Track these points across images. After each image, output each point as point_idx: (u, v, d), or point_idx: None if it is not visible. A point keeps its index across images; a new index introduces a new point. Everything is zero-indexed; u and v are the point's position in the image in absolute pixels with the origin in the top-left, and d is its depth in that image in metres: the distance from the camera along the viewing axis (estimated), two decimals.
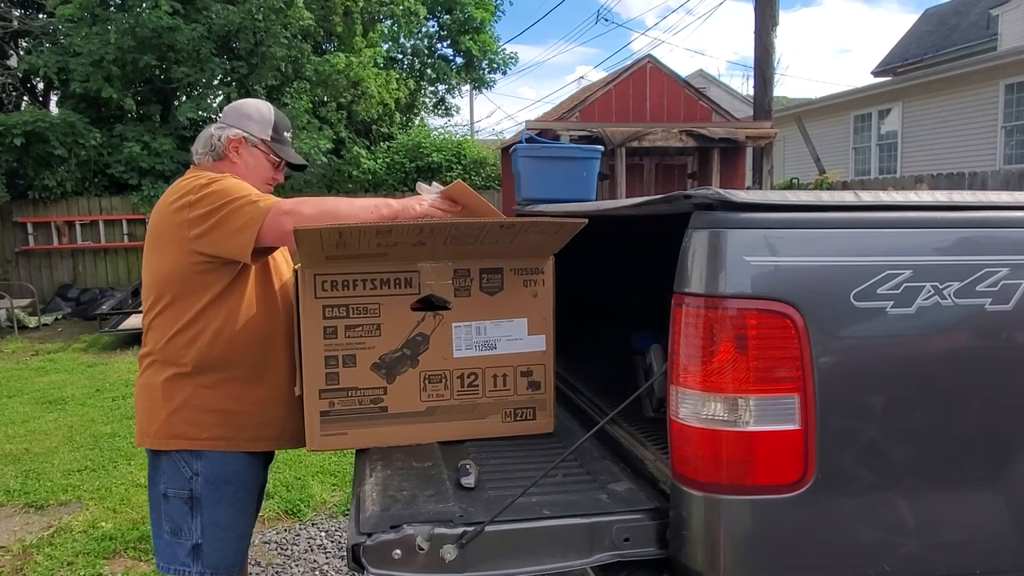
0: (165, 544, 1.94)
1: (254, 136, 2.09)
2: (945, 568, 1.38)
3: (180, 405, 1.91)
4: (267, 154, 2.10)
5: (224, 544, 1.94)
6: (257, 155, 2.10)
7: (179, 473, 1.92)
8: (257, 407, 1.96)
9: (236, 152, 2.07)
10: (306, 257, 1.66)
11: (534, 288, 1.82)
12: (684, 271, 1.34)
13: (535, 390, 1.84)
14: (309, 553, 3.28)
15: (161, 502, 1.94)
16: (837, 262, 1.31)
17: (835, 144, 15.62)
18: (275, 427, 2.01)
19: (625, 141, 8.93)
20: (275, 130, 2.12)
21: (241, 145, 2.07)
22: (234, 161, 2.07)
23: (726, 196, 1.29)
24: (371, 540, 1.33)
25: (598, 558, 1.39)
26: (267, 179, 2.13)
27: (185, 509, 1.91)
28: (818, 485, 1.30)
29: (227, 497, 1.94)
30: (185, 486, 1.91)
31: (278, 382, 1.97)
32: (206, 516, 1.91)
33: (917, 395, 1.34)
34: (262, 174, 2.11)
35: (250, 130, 2.09)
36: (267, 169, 2.12)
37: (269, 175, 2.13)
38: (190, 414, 1.91)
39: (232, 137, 2.07)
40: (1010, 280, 1.35)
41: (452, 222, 1.55)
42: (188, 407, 1.91)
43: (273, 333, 1.97)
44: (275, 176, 2.15)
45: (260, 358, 1.95)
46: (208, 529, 1.91)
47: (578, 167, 2.89)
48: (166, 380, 1.92)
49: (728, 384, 1.28)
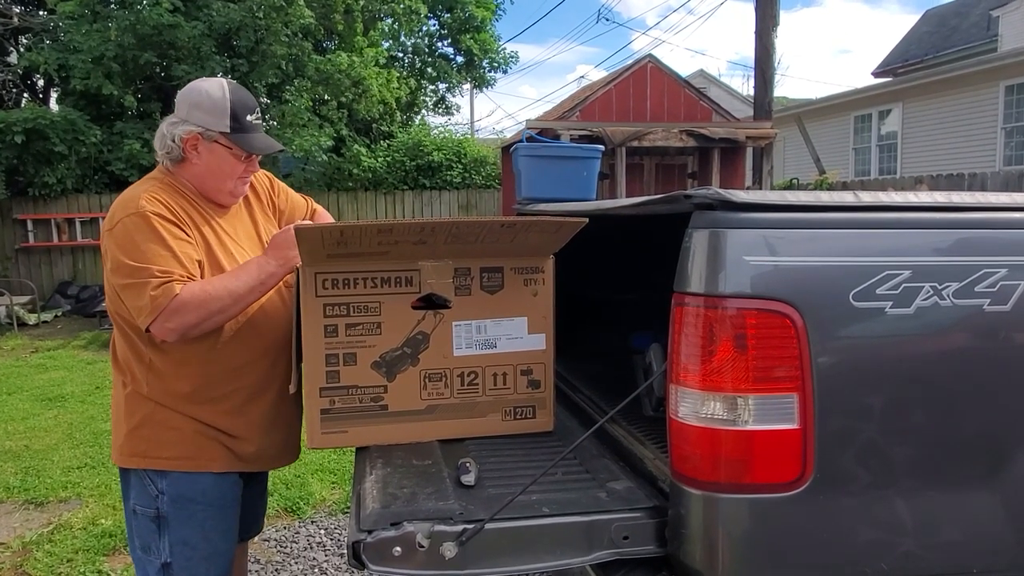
0: (138, 559, 1.88)
1: (210, 130, 1.79)
2: (942, 567, 1.38)
3: (141, 422, 1.82)
4: (229, 148, 1.81)
5: (194, 563, 1.84)
6: (218, 152, 1.81)
7: (145, 491, 1.83)
8: (225, 426, 1.85)
9: (195, 151, 1.81)
10: (307, 255, 1.66)
11: (534, 287, 1.82)
12: (684, 271, 1.35)
13: (535, 389, 1.85)
14: (308, 551, 3.29)
15: (132, 518, 1.87)
16: (836, 262, 1.31)
17: (835, 144, 15.62)
18: (247, 447, 1.89)
19: (625, 141, 8.93)
20: (234, 118, 1.80)
21: (199, 143, 1.80)
22: (195, 162, 1.83)
23: (726, 196, 1.30)
24: (371, 537, 1.34)
25: (597, 556, 1.40)
26: (236, 176, 1.86)
27: (152, 527, 1.83)
28: (816, 484, 1.31)
29: (195, 516, 1.83)
30: (151, 504, 1.82)
31: (251, 401, 1.87)
32: (173, 535, 1.82)
33: (916, 395, 1.35)
34: (229, 171, 1.84)
35: (204, 123, 1.79)
36: (233, 165, 1.84)
37: (238, 171, 1.85)
38: (151, 431, 1.81)
39: (185, 136, 1.80)
40: (1008, 281, 1.35)
41: (453, 221, 1.56)
42: (149, 424, 1.81)
43: (250, 361, 1.86)
44: (248, 169, 1.88)
45: (231, 387, 1.84)
46: (176, 548, 1.82)
47: (578, 166, 2.90)
48: (128, 396, 1.84)
49: (727, 383, 1.29)
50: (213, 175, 1.83)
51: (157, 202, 1.74)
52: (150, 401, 1.81)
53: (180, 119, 1.80)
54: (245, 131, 1.82)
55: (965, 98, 13.14)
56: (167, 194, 1.79)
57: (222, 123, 1.79)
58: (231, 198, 1.90)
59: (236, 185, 1.87)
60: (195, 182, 1.86)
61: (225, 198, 1.89)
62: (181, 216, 1.76)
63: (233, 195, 1.90)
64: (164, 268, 1.67)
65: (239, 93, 1.84)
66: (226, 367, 1.84)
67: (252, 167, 1.90)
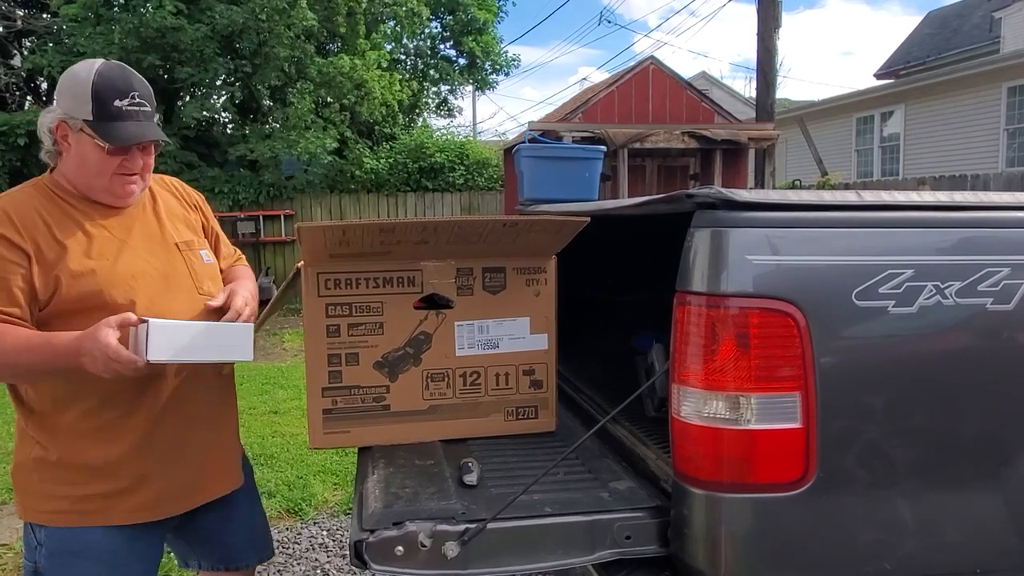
0: None
1: (73, 117, 1.53)
2: (945, 567, 1.38)
3: (20, 461, 1.60)
4: (92, 138, 1.52)
5: None
6: (84, 142, 1.54)
7: (27, 540, 1.59)
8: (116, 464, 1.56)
9: (66, 142, 1.56)
10: (309, 255, 1.66)
11: (536, 287, 1.82)
12: (686, 270, 1.34)
13: (537, 389, 1.85)
14: (311, 552, 3.29)
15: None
16: (839, 261, 1.31)
17: (837, 146, 15.61)
18: (147, 490, 1.59)
19: (627, 142, 8.94)
20: (97, 102, 1.51)
21: (68, 132, 1.55)
22: (67, 156, 1.58)
23: (728, 195, 1.30)
24: (374, 536, 1.34)
25: (599, 556, 1.40)
26: (109, 172, 1.56)
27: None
28: (819, 484, 1.30)
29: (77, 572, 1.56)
30: (31, 556, 1.58)
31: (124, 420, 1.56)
32: None
33: (918, 394, 1.35)
34: (96, 166, 1.55)
35: (67, 109, 1.54)
36: (99, 159, 1.54)
37: (109, 165, 1.55)
38: (27, 475, 1.58)
39: (52, 124, 1.56)
40: (1011, 280, 1.35)
41: (455, 220, 1.56)
42: (26, 465, 1.58)
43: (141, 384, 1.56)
44: (124, 164, 1.56)
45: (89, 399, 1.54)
46: None
47: (580, 167, 2.90)
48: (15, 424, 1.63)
49: (730, 382, 1.29)
50: (82, 169, 1.56)
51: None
52: (28, 438, 1.58)
53: (53, 106, 1.57)
54: (110, 119, 1.52)
55: (968, 100, 13.12)
56: (29, 198, 1.56)
57: (84, 108, 1.51)
58: (113, 198, 1.60)
59: (114, 183, 1.57)
60: (72, 178, 1.59)
61: (105, 197, 1.60)
62: (29, 225, 1.50)
63: (112, 194, 1.59)
64: None
65: (110, 73, 1.54)
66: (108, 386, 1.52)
67: (131, 162, 1.57)
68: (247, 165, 11.36)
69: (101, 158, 1.54)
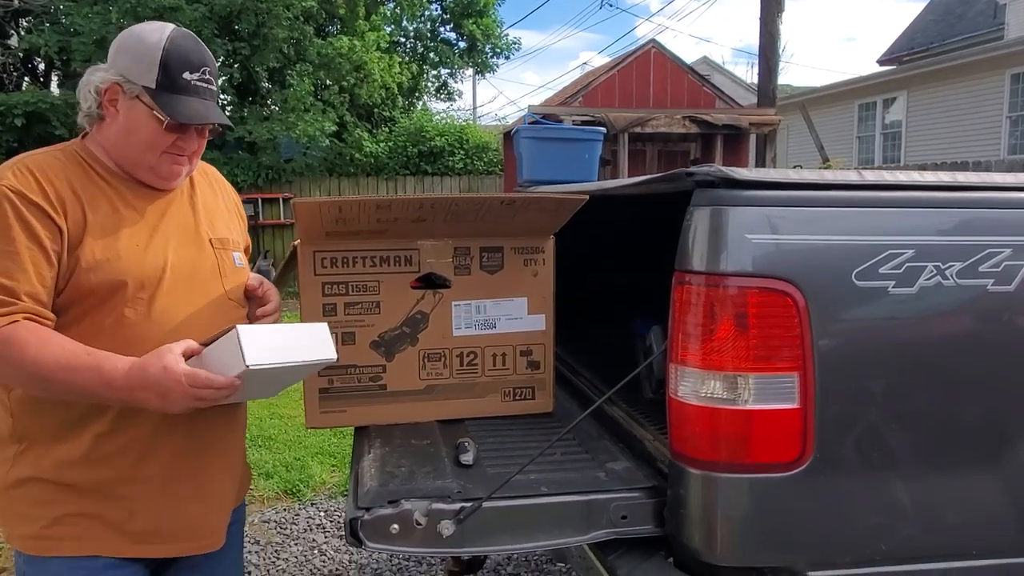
0: None
1: (132, 82, 1.38)
2: (941, 549, 1.38)
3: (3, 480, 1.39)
4: (151, 110, 1.37)
5: None
6: (138, 112, 1.38)
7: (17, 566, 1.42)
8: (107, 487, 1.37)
9: (113, 107, 1.40)
10: (305, 233, 1.65)
11: (534, 267, 1.81)
12: (685, 249, 1.33)
13: (534, 370, 1.84)
14: (308, 532, 3.30)
15: None
16: (839, 241, 1.30)
17: (839, 133, 15.55)
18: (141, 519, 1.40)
19: (628, 127, 8.89)
20: (165, 71, 1.37)
21: (119, 96, 1.39)
22: (111, 122, 1.41)
23: (728, 174, 1.29)
24: (369, 515, 1.33)
25: (595, 535, 1.40)
26: (159, 148, 1.40)
27: None
28: (816, 464, 1.30)
29: None
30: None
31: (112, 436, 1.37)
32: None
33: (917, 375, 1.34)
34: (147, 139, 1.39)
35: (126, 72, 1.38)
36: (152, 133, 1.38)
37: (161, 142, 1.40)
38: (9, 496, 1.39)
39: (103, 85, 1.39)
40: (1013, 261, 1.34)
41: (452, 197, 1.55)
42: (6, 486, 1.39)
43: None
44: (178, 144, 1.42)
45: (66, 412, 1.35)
46: None
47: (580, 149, 2.88)
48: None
49: (728, 362, 1.28)
50: (128, 141, 1.40)
51: (27, 175, 1.32)
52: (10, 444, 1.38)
53: (105, 65, 1.41)
54: (175, 91, 1.38)
55: (971, 86, 13.05)
56: (60, 164, 1.37)
57: (148, 75, 1.37)
58: (156, 178, 1.44)
59: (162, 161, 1.42)
60: (110, 148, 1.42)
61: (147, 175, 1.43)
62: (62, 195, 1.33)
63: (158, 174, 1.43)
64: (6, 283, 1.26)
65: (184, 42, 1.41)
66: None
67: (187, 142, 1.43)
68: (245, 147, 11.31)
69: (155, 132, 1.38)
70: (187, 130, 1.42)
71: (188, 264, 1.45)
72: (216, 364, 1.26)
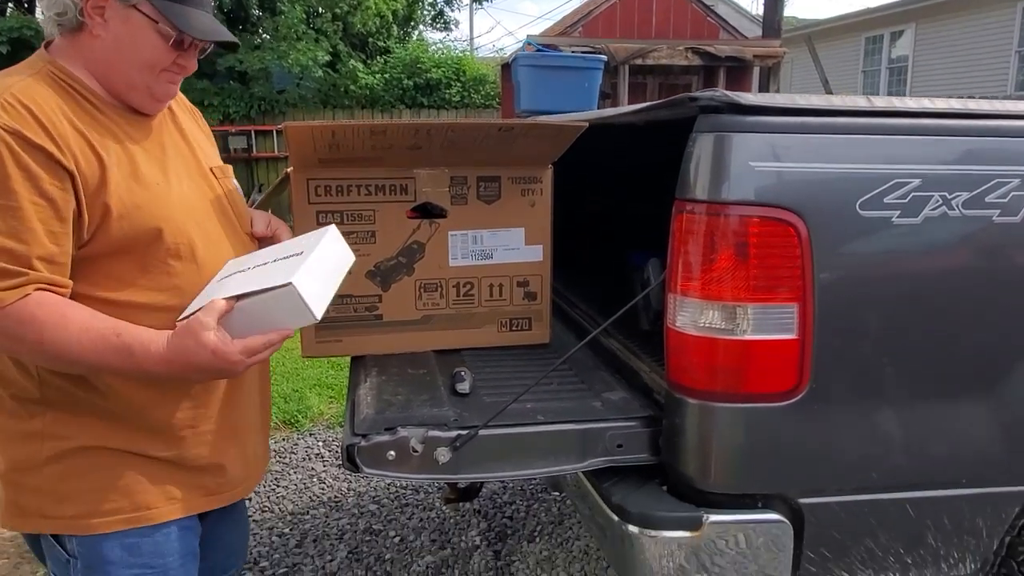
0: None
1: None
2: (932, 477, 1.40)
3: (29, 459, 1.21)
4: (155, 23, 1.19)
5: None
6: (136, 24, 1.18)
7: (55, 558, 1.25)
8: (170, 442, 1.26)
9: (100, 17, 1.18)
10: (298, 160, 1.61)
11: (532, 197, 1.78)
12: (686, 177, 1.30)
13: (531, 301, 1.83)
14: (307, 461, 3.36)
15: None
16: (845, 169, 1.27)
17: (844, 67, 15.22)
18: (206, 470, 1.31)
19: (629, 58, 8.67)
20: None
21: (106, 3, 1.17)
22: (99, 35, 1.19)
23: (733, 98, 1.25)
24: (366, 441, 1.34)
25: (591, 463, 1.41)
26: (160, 66, 1.22)
27: None
28: (811, 395, 1.30)
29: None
30: (63, 573, 1.25)
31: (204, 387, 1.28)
32: None
33: (918, 307, 1.33)
34: (149, 56, 1.20)
35: None
36: (156, 49, 1.20)
37: (163, 59, 1.22)
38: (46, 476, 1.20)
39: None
40: (1021, 192, 1.31)
41: (448, 123, 1.50)
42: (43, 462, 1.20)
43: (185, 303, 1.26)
44: (179, 62, 1.24)
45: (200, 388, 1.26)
46: None
47: (580, 77, 2.80)
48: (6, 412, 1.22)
49: (727, 292, 1.27)
50: (124, 58, 1.20)
51: (21, 110, 1.10)
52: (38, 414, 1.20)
53: None
54: (182, 1, 1.21)
55: (980, 20, 12.70)
56: (50, 94, 1.15)
57: None
58: (148, 101, 1.25)
59: (159, 81, 1.24)
60: (96, 67, 1.21)
61: (137, 98, 1.24)
62: (63, 132, 1.12)
63: (152, 96, 1.25)
64: (13, 246, 1.08)
65: None
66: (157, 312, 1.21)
67: (188, 61, 1.26)
68: (237, 77, 11.03)
69: (158, 48, 1.20)
70: (190, 47, 1.25)
71: (204, 200, 1.31)
72: (262, 319, 1.15)
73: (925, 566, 1.42)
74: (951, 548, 1.42)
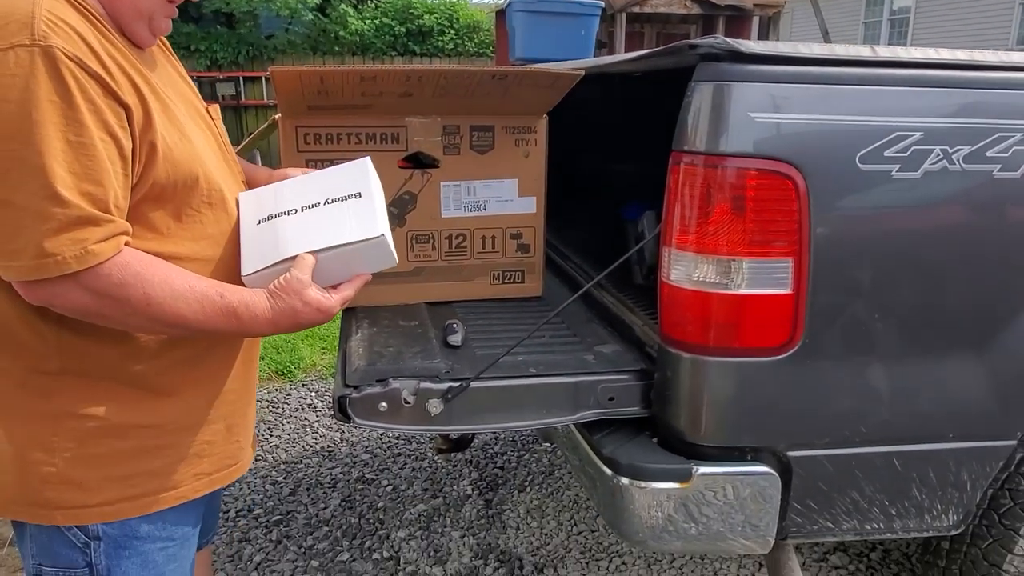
0: None
1: None
2: (919, 432, 1.41)
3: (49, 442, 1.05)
4: None
5: None
6: None
7: (59, 542, 1.10)
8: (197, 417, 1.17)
9: None
10: (286, 106, 1.57)
11: (526, 148, 1.74)
12: (684, 128, 1.27)
13: (524, 253, 1.81)
14: (300, 411, 3.38)
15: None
16: (847, 121, 1.25)
17: (845, 18, 14.95)
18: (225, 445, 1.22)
19: (626, 6, 8.48)
20: None
21: None
22: None
23: (735, 46, 1.21)
24: (357, 392, 1.34)
25: (582, 415, 1.42)
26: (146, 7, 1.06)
27: None
28: (803, 350, 1.30)
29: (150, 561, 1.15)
30: (77, 560, 1.10)
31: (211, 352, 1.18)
32: None
33: (913, 263, 1.32)
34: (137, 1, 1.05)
35: None
36: None
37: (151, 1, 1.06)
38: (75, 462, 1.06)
39: None
40: (1022, 147, 1.29)
41: (440, 70, 1.46)
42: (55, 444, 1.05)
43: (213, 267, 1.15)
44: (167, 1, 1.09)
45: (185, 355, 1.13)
46: None
47: (576, 24, 2.73)
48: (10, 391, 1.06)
49: (722, 246, 1.25)
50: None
51: (70, 32, 0.94)
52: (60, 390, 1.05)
53: None
54: None
55: None
56: (70, 12, 0.97)
57: None
58: (146, 32, 1.09)
59: (164, 11, 1.10)
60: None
61: (141, 29, 1.08)
62: (106, 59, 0.98)
63: (155, 25, 1.10)
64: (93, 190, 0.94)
65: None
66: None
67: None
68: (223, 21, 10.74)
69: None
70: None
71: (210, 142, 1.20)
72: (345, 268, 1.16)
73: (909, 517, 1.44)
74: (935, 500, 1.44)
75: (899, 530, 1.45)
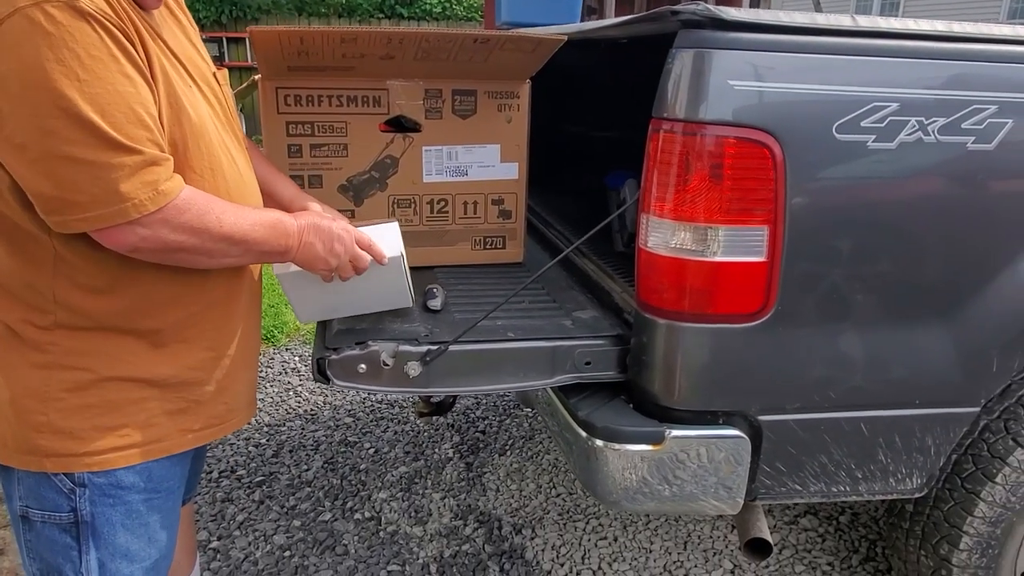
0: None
1: None
2: (888, 398, 1.44)
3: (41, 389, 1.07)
4: None
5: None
6: None
7: (46, 486, 1.12)
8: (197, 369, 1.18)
9: None
10: (265, 66, 1.55)
11: (509, 113, 1.74)
12: (664, 95, 1.28)
13: (506, 219, 1.82)
14: (283, 375, 3.39)
15: (21, 527, 1.16)
16: (825, 91, 1.25)
17: None
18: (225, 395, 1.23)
19: None
20: None
21: None
22: None
23: (716, 13, 1.21)
24: (336, 354, 1.35)
25: (559, 379, 1.44)
26: None
27: (65, 541, 1.14)
28: (777, 317, 1.33)
29: (134, 511, 1.17)
30: (62, 505, 1.12)
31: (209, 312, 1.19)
32: (103, 547, 1.15)
33: (886, 232, 1.34)
34: None
35: None
36: None
37: None
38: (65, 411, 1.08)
39: None
40: (996, 119, 1.31)
41: (422, 32, 1.45)
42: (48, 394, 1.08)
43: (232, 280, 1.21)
44: None
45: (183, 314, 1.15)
46: (110, 566, 1.16)
47: None
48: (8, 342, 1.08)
49: (700, 214, 1.27)
50: None
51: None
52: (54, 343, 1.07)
53: None
54: None
55: None
56: None
57: None
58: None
59: None
60: None
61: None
62: (121, 13, 0.98)
63: None
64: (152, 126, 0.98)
65: None
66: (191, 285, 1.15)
67: None
68: None
69: None
70: None
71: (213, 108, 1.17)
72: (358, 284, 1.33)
73: (874, 480, 1.49)
74: (900, 464, 1.48)
75: (865, 493, 1.50)
